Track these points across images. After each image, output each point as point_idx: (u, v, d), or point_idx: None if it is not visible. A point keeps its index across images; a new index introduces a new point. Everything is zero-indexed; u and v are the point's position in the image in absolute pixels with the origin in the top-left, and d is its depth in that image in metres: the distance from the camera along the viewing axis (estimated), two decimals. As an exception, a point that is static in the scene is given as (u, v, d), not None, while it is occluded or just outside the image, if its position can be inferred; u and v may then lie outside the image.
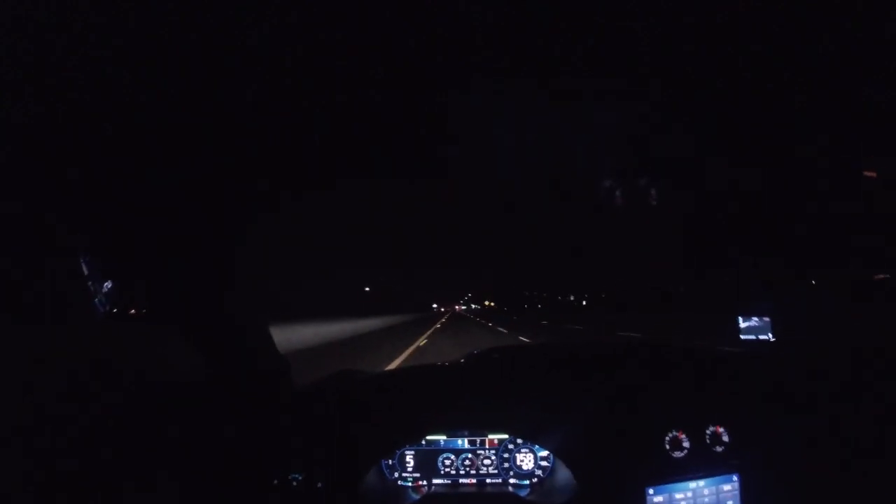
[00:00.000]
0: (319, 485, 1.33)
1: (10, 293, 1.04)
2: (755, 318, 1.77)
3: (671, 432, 1.38)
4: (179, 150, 1.04)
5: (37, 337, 1.11)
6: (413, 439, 1.48)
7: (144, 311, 1.36)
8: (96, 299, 1.23)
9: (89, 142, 0.94)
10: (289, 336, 9.93)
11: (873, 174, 1.25)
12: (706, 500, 1.35)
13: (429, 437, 1.49)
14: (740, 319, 1.82)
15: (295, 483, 1.33)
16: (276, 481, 1.33)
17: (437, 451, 1.50)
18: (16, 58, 0.73)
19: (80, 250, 1.18)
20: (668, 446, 1.37)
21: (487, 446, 1.50)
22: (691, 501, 1.34)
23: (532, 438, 1.46)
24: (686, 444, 1.38)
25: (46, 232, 1.08)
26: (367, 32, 0.74)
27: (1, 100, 0.79)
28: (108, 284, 1.26)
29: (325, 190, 1.49)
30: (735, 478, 1.38)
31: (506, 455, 1.50)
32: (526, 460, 1.49)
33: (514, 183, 1.68)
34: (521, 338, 15.03)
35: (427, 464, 1.49)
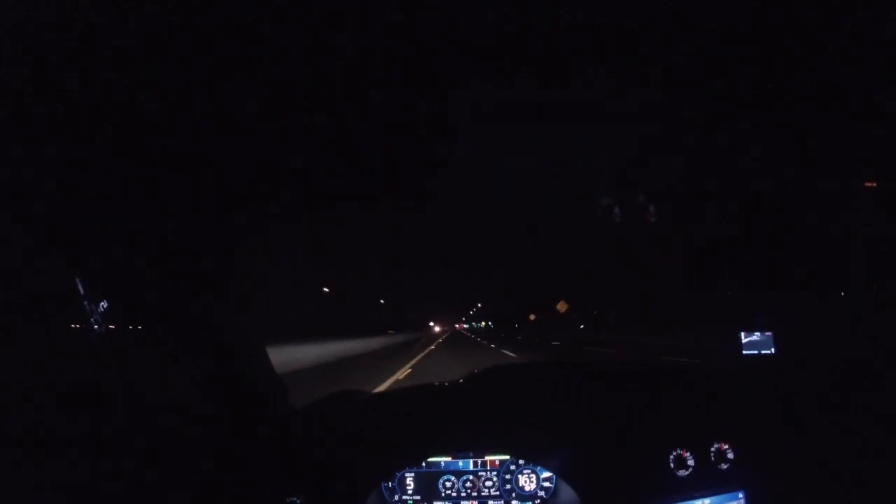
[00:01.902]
0: None
1: (8, 302, 1.03)
2: (757, 333, 1.75)
3: (675, 451, 1.35)
4: (177, 157, 1.03)
5: (36, 348, 1.09)
6: (413, 461, 1.44)
7: (140, 327, 1.33)
8: (92, 318, 1.21)
9: (89, 142, 0.94)
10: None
11: (874, 184, 1.26)
12: (712, 518, 1.32)
13: (429, 459, 1.45)
14: (742, 335, 1.79)
15: None
16: None
17: (437, 472, 1.46)
18: (16, 58, 0.73)
19: (75, 269, 1.17)
20: (672, 465, 1.34)
21: (489, 467, 1.46)
22: (698, 520, 1.31)
23: (534, 460, 1.43)
24: (690, 463, 1.35)
25: (46, 233, 1.07)
26: (368, 33, 0.75)
27: (1, 100, 0.79)
28: (104, 304, 1.24)
29: (323, 202, 1.48)
30: (741, 495, 1.36)
31: (508, 476, 1.46)
32: (528, 481, 1.45)
33: (511, 198, 1.67)
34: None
35: (428, 486, 1.45)
